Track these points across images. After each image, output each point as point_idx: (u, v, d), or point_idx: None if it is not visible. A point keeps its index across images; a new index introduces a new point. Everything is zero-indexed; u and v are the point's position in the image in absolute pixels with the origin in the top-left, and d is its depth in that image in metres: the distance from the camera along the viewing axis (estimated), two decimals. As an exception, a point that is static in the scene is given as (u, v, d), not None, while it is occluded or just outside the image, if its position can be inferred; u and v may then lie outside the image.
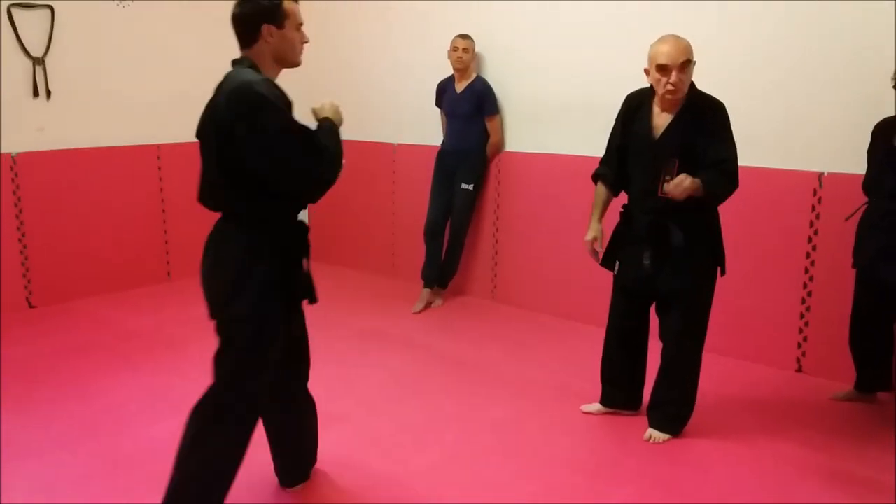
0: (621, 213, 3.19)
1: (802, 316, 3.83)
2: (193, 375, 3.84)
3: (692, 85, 2.97)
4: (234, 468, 2.38)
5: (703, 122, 2.93)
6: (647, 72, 2.98)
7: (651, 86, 3.02)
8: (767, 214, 3.89)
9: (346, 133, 2.38)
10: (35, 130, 4.95)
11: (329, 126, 2.37)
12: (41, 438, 3.17)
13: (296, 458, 2.80)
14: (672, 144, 2.94)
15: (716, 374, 3.84)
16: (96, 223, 5.23)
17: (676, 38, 2.91)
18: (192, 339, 4.37)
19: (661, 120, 2.99)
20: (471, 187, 4.97)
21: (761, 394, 3.64)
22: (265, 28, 2.28)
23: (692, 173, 2.84)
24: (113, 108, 5.33)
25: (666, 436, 3.15)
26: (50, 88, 4.97)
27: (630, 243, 3.12)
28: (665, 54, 2.86)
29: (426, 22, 5.35)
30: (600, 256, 3.20)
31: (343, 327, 4.62)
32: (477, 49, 4.93)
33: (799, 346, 3.86)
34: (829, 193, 3.70)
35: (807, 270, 3.79)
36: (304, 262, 2.44)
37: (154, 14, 5.42)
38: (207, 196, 2.35)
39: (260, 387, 2.39)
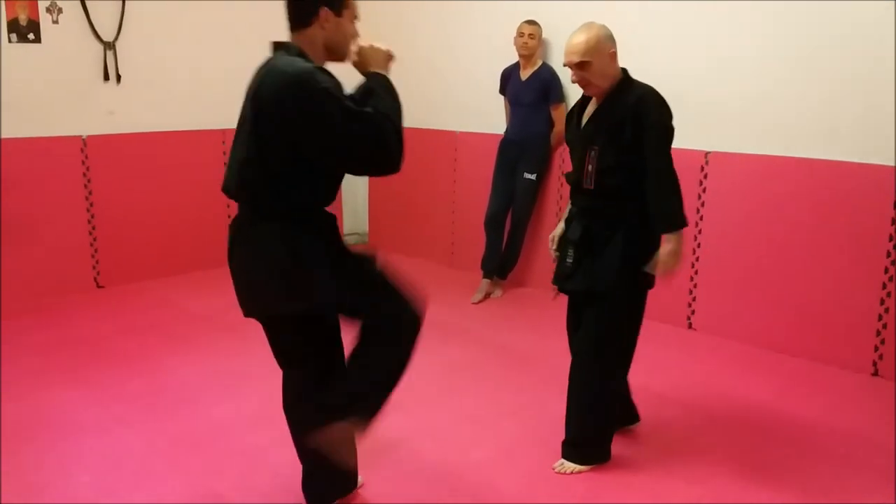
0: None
1: (881, 317, 3.65)
2: (254, 359, 3.89)
3: (626, 79, 2.71)
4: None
5: (627, 108, 2.63)
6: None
7: None
8: (845, 210, 3.72)
9: (407, 121, 2.23)
10: (105, 114, 5.06)
11: (383, 84, 2.17)
12: (104, 416, 3.24)
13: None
14: (594, 132, 2.71)
15: (787, 375, 3.72)
16: (163, 206, 5.32)
17: (576, 34, 2.67)
18: (254, 323, 4.40)
19: (591, 108, 2.77)
20: (533, 177, 4.88)
21: (834, 397, 3.49)
22: (323, 12, 2.13)
23: (616, 161, 2.63)
24: (180, 93, 5.41)
25: (575, 467, 2.81)
26: (120, 73, 5.07)
27: (564, 241, 2.86)
28: (564, 51, 2.68)
29: (491, 6, 5.27)
30: (552, 256, 2.91)
31: (401, 315, 4.59)
32: (543, 35, 4.83)
33: (876, 348, 3.68)
34: (913, 189, 3.52)
35: (886, 270, 3.61)
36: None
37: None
38: (240, 186, 2.22)
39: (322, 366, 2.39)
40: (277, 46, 2.19)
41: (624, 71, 2.75)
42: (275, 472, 2.81)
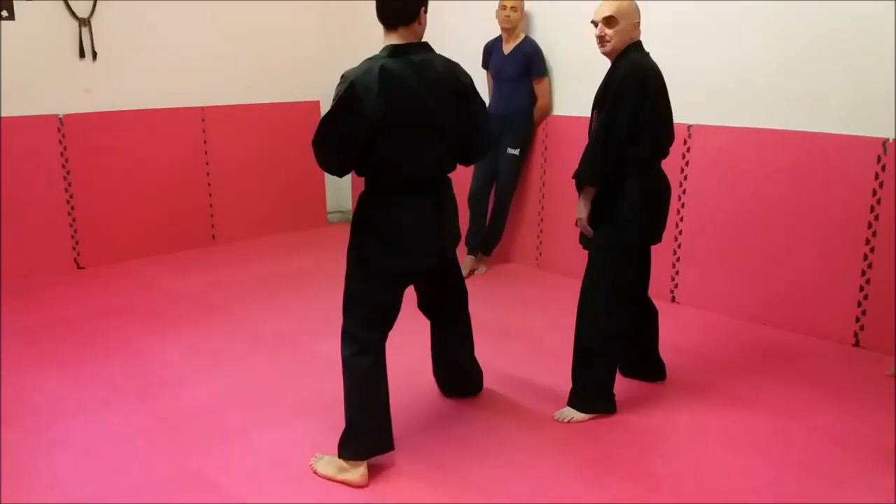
0: None
1: (862, 288, 3.68)
2: (236, 338, 3.87)
3: (635, 45, 2.92)
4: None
5: (617, 77, 2.86)
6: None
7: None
8: (828, 182, 3.73)
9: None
10: (81, 92, 4.98)
11: None
12: (86, 398, 3.22)
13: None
14: (599, 95, 2.97)
15: (769, 346, 3.74)
16: (142, 185, 5.26)
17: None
18: (236, 301, 4.40)
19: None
20: (517, 152, 4.86)
21: (816, 368, 3.52)
22: (422, 11, 2.60)
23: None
24: (158, 71, 5.33)
25: (575, 415, 3.02)
26: (96, 50, 4.98)
27: None
28: (595, 11, 2.91)
29: (473, -19, 5.21)
30: None
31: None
32: (526, 8, 4.78)
33: (857, 319, 3.71)
34: (894, 161, 3.52)
35: (868, 241, 3.63)
36: None
37: (198, -26, 5.38)
38: (445, 168, 2.74)
39: None
40: (420, 46, 2.72)
41: (638, 42, 2.93)
42: (259, 451, 2.80)
